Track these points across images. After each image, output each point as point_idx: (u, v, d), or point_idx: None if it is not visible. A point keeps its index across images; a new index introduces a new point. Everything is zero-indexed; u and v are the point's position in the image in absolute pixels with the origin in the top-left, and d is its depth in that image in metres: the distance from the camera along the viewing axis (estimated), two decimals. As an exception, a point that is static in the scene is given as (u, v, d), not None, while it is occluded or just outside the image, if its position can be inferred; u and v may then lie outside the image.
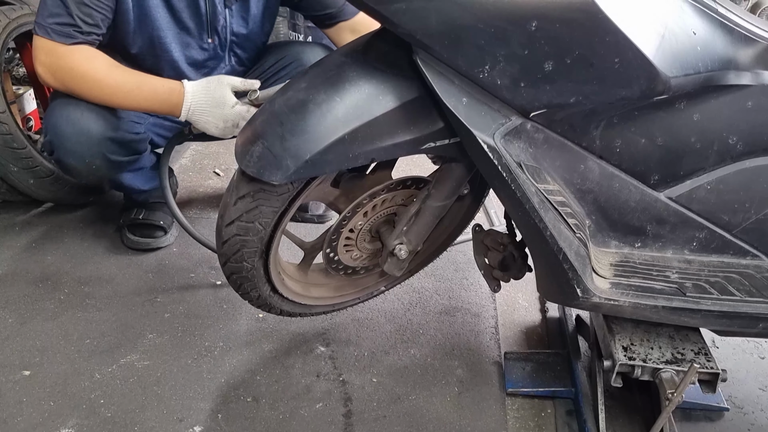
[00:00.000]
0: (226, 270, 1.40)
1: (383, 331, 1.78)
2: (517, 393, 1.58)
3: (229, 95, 1.63)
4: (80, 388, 1.53)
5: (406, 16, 1.01)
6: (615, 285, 1.27)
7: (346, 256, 1.53)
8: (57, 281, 1.90)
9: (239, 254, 1.34)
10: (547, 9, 1.00)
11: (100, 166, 1.77)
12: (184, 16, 1.77)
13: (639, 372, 1.34)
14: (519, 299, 1.94)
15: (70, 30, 1.58)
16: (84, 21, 1.59)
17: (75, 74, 1.62)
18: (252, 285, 1.43)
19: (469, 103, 1.09)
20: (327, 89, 1.15)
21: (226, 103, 1.63)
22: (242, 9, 1.85)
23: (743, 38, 1.19)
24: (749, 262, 1.36)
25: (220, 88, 1.64)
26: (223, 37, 1.87)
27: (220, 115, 1.64)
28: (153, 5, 1.71)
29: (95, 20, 1.61)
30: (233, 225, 1.30)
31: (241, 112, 1.63)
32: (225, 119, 1.64)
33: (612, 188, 1.28)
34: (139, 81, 1.65)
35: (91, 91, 1.64)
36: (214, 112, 1.64)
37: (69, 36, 1.58)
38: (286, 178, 1.15)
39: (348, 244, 1.51)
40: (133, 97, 1.64)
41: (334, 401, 1.54)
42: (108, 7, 1.64)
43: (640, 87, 1.09)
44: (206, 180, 2.56)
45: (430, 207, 1.38)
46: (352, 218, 1.44)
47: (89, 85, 1.63)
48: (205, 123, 1.66)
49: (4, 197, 2.19)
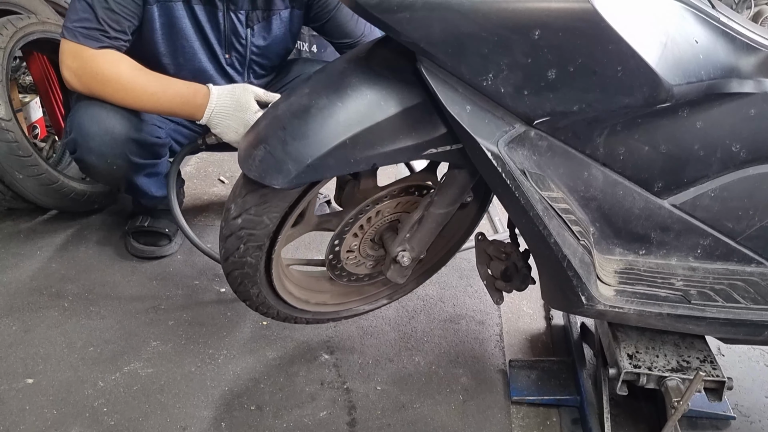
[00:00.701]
0: (227, 267, 1.40)
1: (387, 338, 1.77)
2: (522, 401, 1.58)
3: (253, 102, 1.65)
4: (83, 396, 1.53)
5: (410, 24, 1.01)
6: (619, 292, 1.27)
7: (349, 262, 1.53)
8: (61, 289, 1.90)
9: (242, 249, 1.35)
10: (550, 18, 1.01)
11: (121, 166, 1.79)
12: (207, 29, 1.81)
13: (644, 380, 1.33)
14: (523, 307, 1.94)
15: (97, 34, 1.60)
16: (111, 26, 1.61)
17: (101, 78, 1.63)
18: (253, 283, 1.43)
19: (473, 111, 1.09)
20: (329, 94, 1.16)
21: (250, 108, 1.64)
22: (264, 29, 1.87)
23: (745, 46, 1.19)
24: (754, 269, 1.35)
25: (246, 94, 1.65)
26: (243, 54, 1.90)
27: (242, 120, 1.64)
28: (179, 16, 1.75)
29: (122, 26, 1.64)
30: (239, 218, 1.31)
31: None
32: (246, 124, 1.63)
33: (616, 195, 1.28)
34: (164, 83, 1.67)
35: (117, 93, 1.65)
36: (236, 116, 1.64)
37: (96, 39, 1.60)
38: (288, 182, 1.16)
39: (351, 251, 1.51)
40: (157, 98, 1.65)
41: (338, 409, 1.53)
42: (134, 14, 1.67)
43: (642, 95, 1.09)
44: (211, 187, 2.56)
45: (434, 214, 1.38)
46: (354, 224, 1.44)
47: (115, 88, 1.64)
48: (225, 127, 1.66)
49: (10, 204, 2.20)
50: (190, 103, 1.65)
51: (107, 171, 1.80)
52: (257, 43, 1.89)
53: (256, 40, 1.88)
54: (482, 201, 1.65)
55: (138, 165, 1.82)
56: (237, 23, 1.81)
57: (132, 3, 1.65)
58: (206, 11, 1.78)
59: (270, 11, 1.85)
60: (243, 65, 1.92)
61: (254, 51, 1.91)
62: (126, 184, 1.93)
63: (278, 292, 1.50)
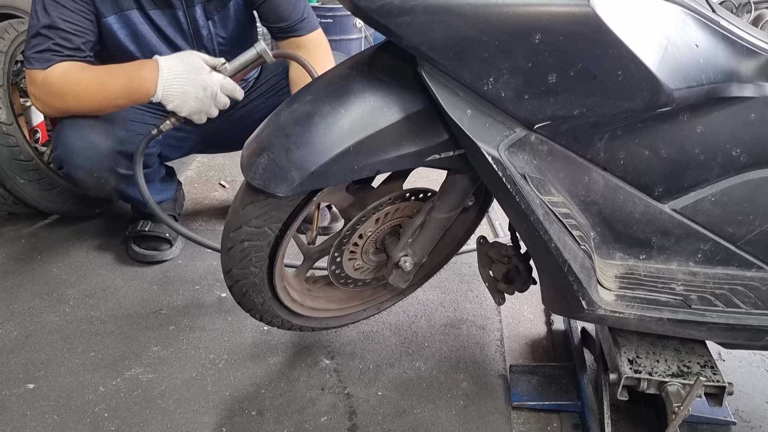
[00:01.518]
0: (227, 268, 1.40)
1: (388, 343, 1.77)
2: (522, 406, 1.57)
3: (204, 63, 1.60)
4: (84, 402, 1.53)
5: (410, 29, 1.01)
6: (620, 297, 1.27)
7: (350, 266, 1.53)
8: (62, 293, 1.91)
9: (245, 259, 1.34)
10: (551, 22, 1.01)
11: (109, 179, 1.79)
12: (168, 32, 1.81)
13: (645, 385, 1.33)
14: (524, 312, 1.94)
15: (48, 55, 1.61)
16: (62, 45, 1.62)
17: (56, 92, 1.63)
18: (256, 291, 1.43)
19: (474, 115, 1.10)
20: (332, 101, 1.16)
21: (203, 69, 1.59)
22: (224, 19, 1.88)
23: (745, 51, 1.20)
24: (754, 274, 1.35)
25: (193, 56, 1.61)
26: (211, 48, 1.90)
27: (199, 82, 1.58)
28: (138, 23, 1.75)
29: (75, 44, 1.65)
30: (240, 230, 1.31)
31: (218, 78, 1.60)
32: (204, 86, 1.58)
33: (616, 200, 1.28)
34: (109, 69, 1.65)
35: (76, 101, 1.64)
36: (191, 78, 1.58)
37: (47, 60, 1.61)
38: (291, 189, 1.16)
39: (353, 256, 1.51)
40: (108, 87, 1.62)
41: (339, 415, 1.53)
42: (87, 30, 1.67)
43: (643, 99, 1.09)
44: (212, 192, 2.57)
45: (435, 219, 1.38)
46: (356, 229, 1.44)
47: (71, 96, 1.63)
48: (183, 95, 1.58)
49: (11, 209, 2.20)
50: (138, 78, 1.59)
51: (96, 184, 1.80)
52: (221, 33, 1.90)
53: (219, 31, 1.89)
54: (482, 204, 1.66)
55: (126, 176, 1.83)
56: (198, 18, 1.82)
57: (83, 19, 1.66)
58: (164, 14, 1.78)
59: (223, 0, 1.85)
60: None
61: (220, 42, 1.91)
62: (118, 194, 1.93)
63: (281, 300, 1.50)
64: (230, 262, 1.35)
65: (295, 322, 1.59)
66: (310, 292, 1.61)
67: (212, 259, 2.10)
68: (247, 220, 1.29)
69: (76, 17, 1.64)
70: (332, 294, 1.67)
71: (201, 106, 1.61)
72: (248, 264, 1.35)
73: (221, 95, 1.61)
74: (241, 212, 1.29)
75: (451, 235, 1.73)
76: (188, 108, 1.60)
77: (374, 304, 1.75)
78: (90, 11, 1.68)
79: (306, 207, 1.31)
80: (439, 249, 1.73)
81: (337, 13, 3.55)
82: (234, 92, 1.64)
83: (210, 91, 1.59)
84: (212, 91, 1.60)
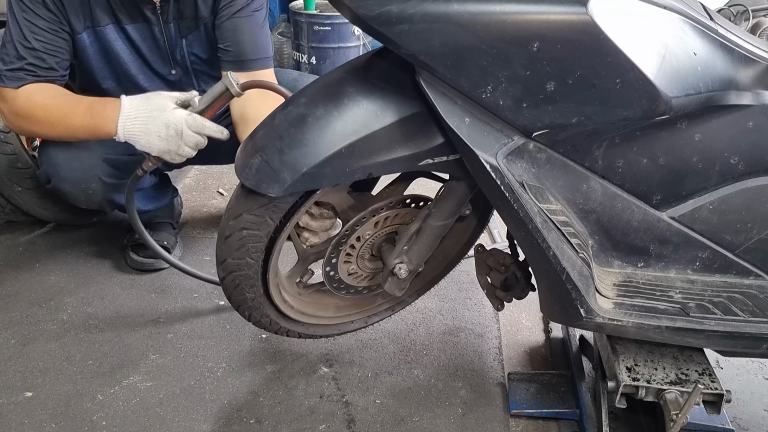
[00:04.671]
0: (223, 269, 1.40)
1: (386, 351, 1.77)
2: (521, 414, 1.57)
3: (169, 102, 1.53)
4: (82, 410, 1.52)
5: (409, 37, 1.02)
6: (618, 305, 1.27)
7: (345, 270, 1.53)
8: (60, 302, 1.90)
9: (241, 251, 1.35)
10: (549, 30, 1.01)
11: (97, 190, 1.78)
12: (143, 48, 1.79)
13: (643, 393, 1.33)
14: (522, 319, 1.93)
15: (21, 74, 1.60)
16: (36, 65, 1.61)
17: (23, 114, 1.62)
18: (249, 284, 1.42)
19: (472, 123, 1.10)
20: (326, 104, 1.17)
21: (167, 107, 1.52)
22: (198, 38, 1.85)
23: (743, 59, 1.20)
24: (752, 282, 1.35)
25: (159, 97, 1.55)
26: (186, 66, 1.88)
27: (162, 120, 1.51)
28: (111, 39, 1.73)
29: (48, 63, 1.63)
30: (232, 237, 1.32)
31: (182, 115, 1.51)
32: (167, 124, 1.50)
33: (614, 208, 1.28)
34: (75, 101, 1.62)
35: (39, 126, 1.63)
36: (152, 116, 1.51)
37: (19, 79, 1.60)
38: (284, 190, 1.17)
39: (348, 259, 1.50)
40: (70, 120, 1.59)
41: (337, 423, 1.53)
42: (62, 49, 1.66)
43: (641, 107, 1.10)
44: (210, 200, 2.56)
45: (431, 226, 1.38)
46: (354, 230, 1.44)
47: (37, 121, 1.62)
48: (146, 134, 1.52)
49: (9, 217, 2.20)
50: (101, 115, 1.56)
51: (84, 196, 1.79)
52: (195, 52, 1.86)
53: (194, 50, 1.86)
54: (482, 214, 1.66)
55: (114, 185, 1.81)
56: (174, 35, 1.79)
57: (57, 39, 1.64)
58: (140, 30, 1.76)
59: (197, 19, 1.80)
60: (189, 77, 1.89)
61: (194, 61, 1.88)
62: (109, 204, 1.91)
63: (272, 298, 1.49)
64: (226, 251, 1.35)
65: (283, 324, 1.58)
66: (300, 296, 1.61)
67: (210, 267, 2.10)
68: (249, 208, 1.30)
69: (50, 37, 1.62)
70: (322, 301, 1.66)
71: (168, 146, 1.53)
72: (245, 254, 1.35)
73: (189, 133, 1.51)
74: (235, 212, 1.30)
75: (450, 245, 1.73)
76: (156, 148, 1.54)
77: (363, 316, 1.75)
78: (64, 30, 1.66)
79: (305, 204, 1.31)
80: (438, 259, 1.73)
81: (335, 20, 3.55)
82: (202, 129, 1.52)
83: (173, 129, 1.51)
84: (176, 129, 1.51)
